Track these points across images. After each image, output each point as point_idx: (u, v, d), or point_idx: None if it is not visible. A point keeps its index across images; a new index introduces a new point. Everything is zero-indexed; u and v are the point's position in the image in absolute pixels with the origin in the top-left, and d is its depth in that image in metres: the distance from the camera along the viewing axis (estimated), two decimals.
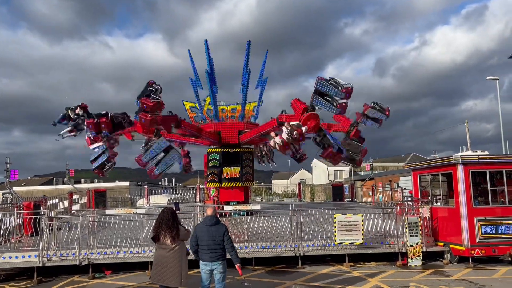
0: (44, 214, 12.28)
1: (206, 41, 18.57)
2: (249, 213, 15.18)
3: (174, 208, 7.23)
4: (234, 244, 7.26)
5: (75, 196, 21.89)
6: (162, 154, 14.22)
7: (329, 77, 14.29)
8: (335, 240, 12.17)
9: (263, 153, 21.75)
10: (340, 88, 14.03)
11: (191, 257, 7.31)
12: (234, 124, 18.68)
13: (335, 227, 12.19)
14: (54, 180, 78.35)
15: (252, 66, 19.03)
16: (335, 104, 14.30)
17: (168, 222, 6.59)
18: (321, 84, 14.24)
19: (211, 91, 18.61)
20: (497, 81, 29.31)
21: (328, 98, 14.30)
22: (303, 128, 13.73)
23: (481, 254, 11.96)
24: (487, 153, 14.84)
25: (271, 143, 14.74)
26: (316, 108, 14.41)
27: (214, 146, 18.47)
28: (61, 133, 15.50)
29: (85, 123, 14.83)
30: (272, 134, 15.20)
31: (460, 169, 12.37)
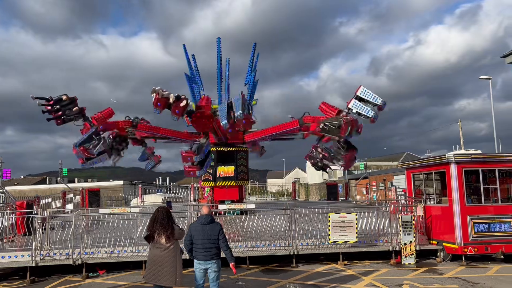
0: (37, 214, 12.19)
1: (184, 45, 18.80)
2: (243, 212, 15.19)
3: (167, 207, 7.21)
4: (228, 243, 7.26)
5: (69, 196, 21.80)
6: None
7: (248, 98, 15.69)
8: (329, 239, 12.21)
9: (321, 156, 18.75)
10: (245, 109, 15.03)
11: (185, 256, 7.30)
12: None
13: (329, 225, 12.22)
14: (47, 180, 77.85)
15: (246, 64, 19.06)
16: (231, 115, 15.30)
17: (163, 221, 6.57)
18: (238, 99, 15.36)
19: (191, 92, 18.63)
20: (490, 80, 29.54)
21: (231, 110, 15.40)
22: (184, 103, 14.57)
23: (474, 252, 12.05)
24: (480, 152, 14.95)
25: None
26: (216, 113, 15.93)
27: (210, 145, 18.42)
28: (95, 164, 15.39)
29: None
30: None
31: (453, 168, 12.45)
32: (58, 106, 14.00)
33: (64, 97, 14.19)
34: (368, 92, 14.78)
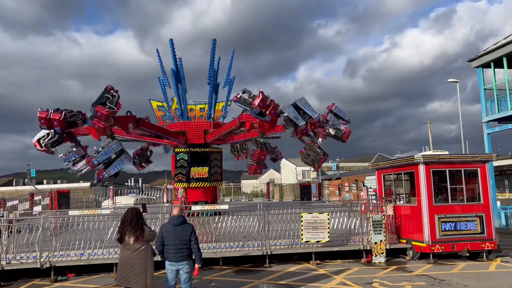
0: (2, 216, 11.80)
1: (171, 40, 18.41)
2: (217, 213, 15.16)
3: (141, 210, 7.12)
4: (202, 244, 7.24)
5: (37, 197, 21.15)
6: (114, 156, 14.00)
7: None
8: (302, 239, 12.33)
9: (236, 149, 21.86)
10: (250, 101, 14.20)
11: (157, 258, 7.23)
12: (199, 124, 18.49)
13: (302, 225, 12.34)
14: (14, 181, 75.33)
15: (224, 65, 19.09)
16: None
17: (132, 221, 6.49)
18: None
19: (176, 90, 18.43)
20: (458, 83, 30.47)
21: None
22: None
23: (441, 250, 12.40)
24: (447, 153, 15.42)
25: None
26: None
27: (182, 146, 18.30)
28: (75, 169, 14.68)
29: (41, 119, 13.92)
30: None
31: (421, 168, 12.79)
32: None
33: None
34: (339, 109, 15.78)
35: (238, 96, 13.51)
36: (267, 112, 13.58)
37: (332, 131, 15.51)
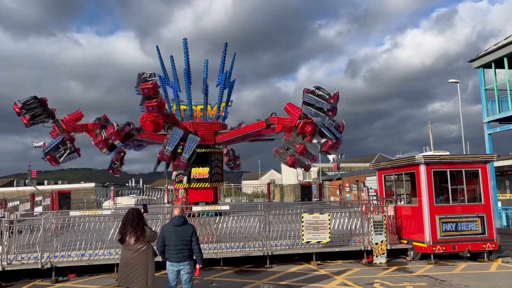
0: (3, 217, 11.82)
1: (157, 47, 18.85)
2: (217, 213, 15.18)
3: (142, 210, 7.14)
4: (202, 245, 7.25)
5: (38, 198, 21.20)
6: (62, 153, 14.97)
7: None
8: (303, 239, 12.33)
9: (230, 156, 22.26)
10: (327, 97, 14.57)
11: (158, 258, 7.24)
12: (211, 124, 18.61)
13: (302, 226, 12.34)
14: (15, 182, 75.38)
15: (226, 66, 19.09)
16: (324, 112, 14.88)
17: (133, 222, 6.49)
18: (308, 98, 14.74)
19: (164, 93, 18.49)
20: (458, 84, 30.47)
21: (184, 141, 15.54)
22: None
23: (442, 251, 12.39)
24: (448, 153, 15.42)
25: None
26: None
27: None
28: (36, 145, 15.09)
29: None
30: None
31: (422, 169, 12.78)
32: (25, 110, 13.86)
33: (31, 100, 14.02)
34: (315, 98, 14.89)
35: (143, 74, 14.11)
36: (150, 104, 14.01)
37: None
